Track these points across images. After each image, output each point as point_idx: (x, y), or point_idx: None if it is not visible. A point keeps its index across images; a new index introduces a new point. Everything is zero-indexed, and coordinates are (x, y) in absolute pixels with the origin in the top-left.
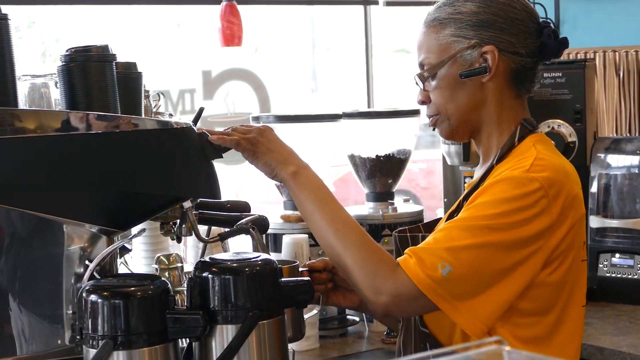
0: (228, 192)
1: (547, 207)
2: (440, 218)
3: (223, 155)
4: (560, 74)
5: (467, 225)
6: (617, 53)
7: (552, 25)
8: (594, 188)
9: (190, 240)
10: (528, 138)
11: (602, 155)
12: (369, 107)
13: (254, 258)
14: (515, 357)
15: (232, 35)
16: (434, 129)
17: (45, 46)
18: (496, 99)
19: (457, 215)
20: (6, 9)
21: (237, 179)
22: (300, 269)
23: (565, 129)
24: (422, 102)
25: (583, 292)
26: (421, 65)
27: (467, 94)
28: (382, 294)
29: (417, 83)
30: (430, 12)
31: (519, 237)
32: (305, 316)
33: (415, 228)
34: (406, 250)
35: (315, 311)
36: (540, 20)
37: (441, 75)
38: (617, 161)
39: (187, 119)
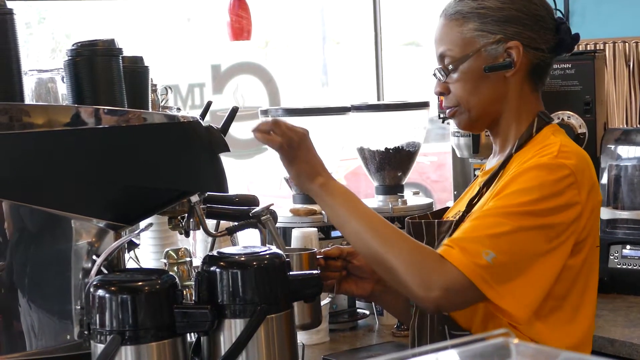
0: (239, 186)
1: (578, 193)
2: (448, 207)
3: (230, 149)
4: (570, 65)
5: (504, 212)
6: (627, 44)
7: (562, 18)
8: (604, 179)
9: (200, 234)
10: (545, 129)
11: (613, 147)
12: (378, 100)
13: (262, 252)
14: (522, 349)
15: (241, 29)
16: (444, 121)
17: (55, 42)
18: (516, 93)
19: (478, 202)
20: (17, 4)
21: (249, 173)
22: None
23: (575, 120)
24: (440, 94)
25: (597, 278)
26: (441, 57)
27: (489, 88)
28: (434, 289)
29: (436, 75)
30: (451, 5)
31: (555, 222)
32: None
33: (424, 216)
34: (445, 242)
35: (328, 299)
36: (555, 15)
37: (464, 68)
38: (628, 152)
39: (196, 114)
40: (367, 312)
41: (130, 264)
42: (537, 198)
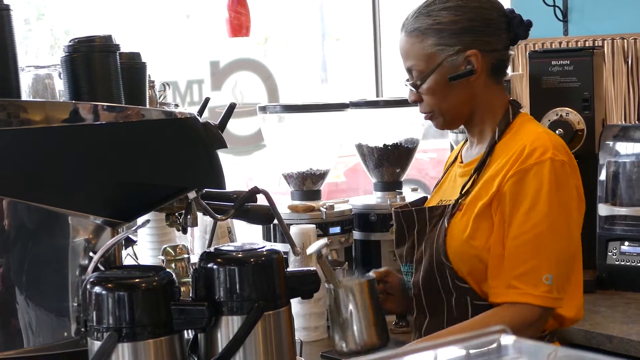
0: (238, 182)
1: (575, 183)
2: (426, 197)
3: (228, 145)
4: (568, 62)
5: (537, 233)
6: (625, 40)
7: (512, 10)
8: (602, 176)
9: (197, 231)
10: (519, 117)
11: (611, 143)
12: (377, 96)
13: (259, 248)
14: (521, 345)
15: (239, 25)
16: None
17: (54, 38)
18: (483, 91)
19: (473, 189)
20: (16, 1)
21: (247, 170)
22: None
23: (574, 116)
24: (415, 101)
25: (581, 248)
26: (409, 70)
27: (456, 94)
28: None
29: (407, 87)
30: (409, 21)
31: (573, 219)
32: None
33: (404, 206)
34: (499, 288)
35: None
36: (506, 9)
37: (431, 80)
38: (626, 149)
39: (195, 110)
40: None
41: (128, 261)
42: (554, 200)
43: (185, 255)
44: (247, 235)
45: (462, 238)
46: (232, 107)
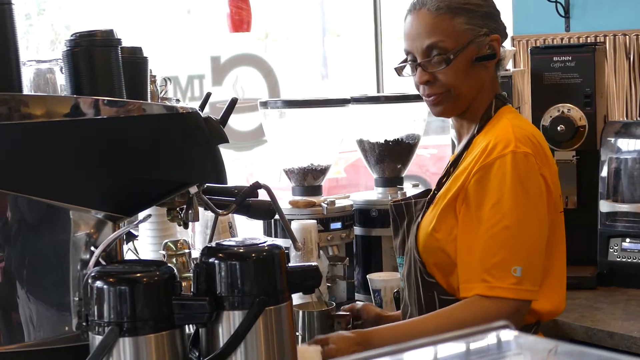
0: (239, 177)
1: (540, 167)
2: (429, 190)
3: (229, 140)
4: (570, 58)
5: (496, 231)
6: (627, 37)
7: None
8: (604, 172)
9: (198, 226)
10: (500, 110)
11: (613, 140)
12: (378, 92)
13: (260, 244)
14: (522, 341)
15: (240, 21)
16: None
17: (55, 33)
18: (490, 79)
19: (446, 182)
20: None
21: (248, 165)
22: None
23: (575, 113)
24: (427, 82)
25: (564, 240)
26: (430, 47)
27: (474, 76)
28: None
29: (431, 62)
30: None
31: (541, 209)
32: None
33: (408, 199)
34: (470, 283)
35: None
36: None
37: (459, 58)
38: (628, 145)
39: (196, 105)
40: None
41: (128, 256)
42: (519, 192)
43: (186, 250)
44: (248, 230)
45: (427, 230)
46: (233, 102)
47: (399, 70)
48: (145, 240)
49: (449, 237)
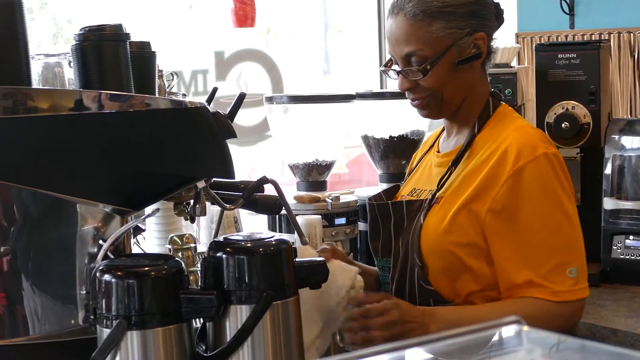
0: (242, 172)
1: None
2: (399, 185)
3: (237, 135)
4: (575, 55)
5: (543, 236)
6: (632, 34)
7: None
8: (608, 170)
9: (203, 220)
10: (499, 109)
11: (617, 137)
12: (381, 88)
13: (268, 238)
14: (533, 336)
15: (245, 16)
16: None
17: (57, 27)
18: (478, 78)
19: (448, 181)
20: None
21: (251, 160)
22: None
23: (580, 110)
24: (408, 89)
25: None
26: (409, 56)
27: (460, 77)
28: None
29: (407, 75)
30: (411, 5)
31: (575, 207)
32: None
33: (378, 197)
34: (521, 289)
35: None
36: None
37: (438, 64)
38: (632, 143)
39: (200, 100)
40: None
41: (134, 249)
42: (559, 192)
43: (192, 245)
44: (252, 225)
45: (437, 232)
46: (241, 97)
47: (385, 72)
48: (150, 234)
49: (463, 239)
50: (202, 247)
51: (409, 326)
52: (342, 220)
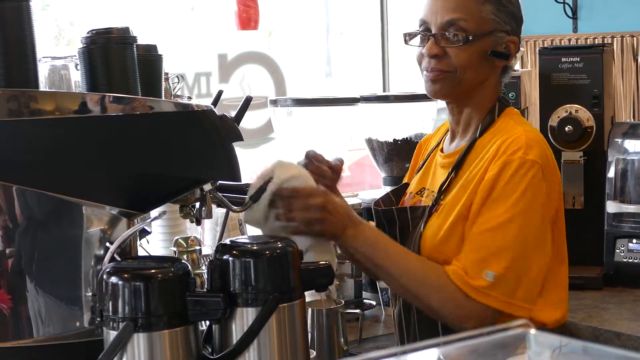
0: (244, 175)
1: (545, 180)
2: (407, 184)
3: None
4: (578, 59)
5: (493, 226)
6: (635, 38)
7: None
8: (611, 173)
9: (208, 223)
10: (503, 114)
11: (620, 140)
12: (384, 91)
13: (274, 241)
14: (541, 339)
15: (248, 18)
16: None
17: (59, 29)
18: (494, 81)
19: (449, 187)
20: None
21: (253, 163)
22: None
23: (583, 113)
24: (435, 55)
25: (565, 250)
26: (450, 23)
27: (484, 68)
28: (469, 322)
29: (446, 36)
30: None
31: (538, 216)
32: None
33: (387, 197)
34: (449, 266)
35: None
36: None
37: (478, 43)
38: (635, 146)
39: (203, 102)
40: (374, 303)
41: (139, 252)
42: (517, 198)
43: (197, 247)
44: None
45: (434, 242)
46: (247, 101)
47: (408, 37)
48: (155, 237)
49: (457, 251)
50: (207, 249)
51: (328, 217)
52: None
